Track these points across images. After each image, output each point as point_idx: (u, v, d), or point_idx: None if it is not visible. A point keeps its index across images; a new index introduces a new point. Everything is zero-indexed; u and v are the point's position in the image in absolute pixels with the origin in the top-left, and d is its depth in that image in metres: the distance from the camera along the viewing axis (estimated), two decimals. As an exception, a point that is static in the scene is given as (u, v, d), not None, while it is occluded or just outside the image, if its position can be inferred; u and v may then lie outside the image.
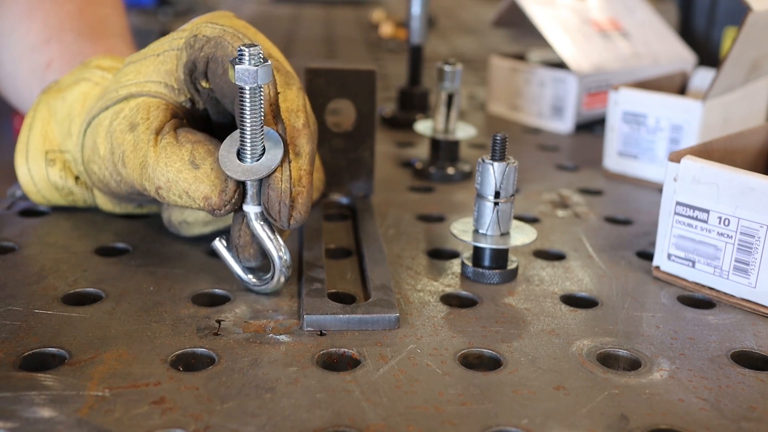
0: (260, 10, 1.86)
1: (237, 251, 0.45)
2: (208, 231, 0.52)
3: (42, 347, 0.39)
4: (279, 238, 0.44)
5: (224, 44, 0.45)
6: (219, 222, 0.52)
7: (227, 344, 0.40)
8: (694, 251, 0.48)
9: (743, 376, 0.39)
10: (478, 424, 0.35)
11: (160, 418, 0.34)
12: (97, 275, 0.48)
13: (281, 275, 0.44)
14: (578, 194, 0.66)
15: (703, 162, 0.47)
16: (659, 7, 1.11)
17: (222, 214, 0.43)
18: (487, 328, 0.43)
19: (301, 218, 0.42)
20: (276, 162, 0.42)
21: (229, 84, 0.45)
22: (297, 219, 0.42)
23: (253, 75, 0.40)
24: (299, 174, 0.42)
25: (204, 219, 0.51)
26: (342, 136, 0.60)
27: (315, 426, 0.34)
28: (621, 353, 0.41)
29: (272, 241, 0.43)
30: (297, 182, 0.42)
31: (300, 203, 0.42)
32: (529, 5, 0.87)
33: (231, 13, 0.48)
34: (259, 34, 0.48)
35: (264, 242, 0.43)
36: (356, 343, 0.41)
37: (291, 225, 0.42)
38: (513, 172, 0.48)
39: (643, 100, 0.68)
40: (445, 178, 0.68)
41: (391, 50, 1.34)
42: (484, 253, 0.49)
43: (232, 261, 0.45)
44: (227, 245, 0.45)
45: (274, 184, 0.42)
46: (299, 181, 0.42)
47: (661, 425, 0.35)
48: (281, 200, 0.42)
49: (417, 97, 0.87)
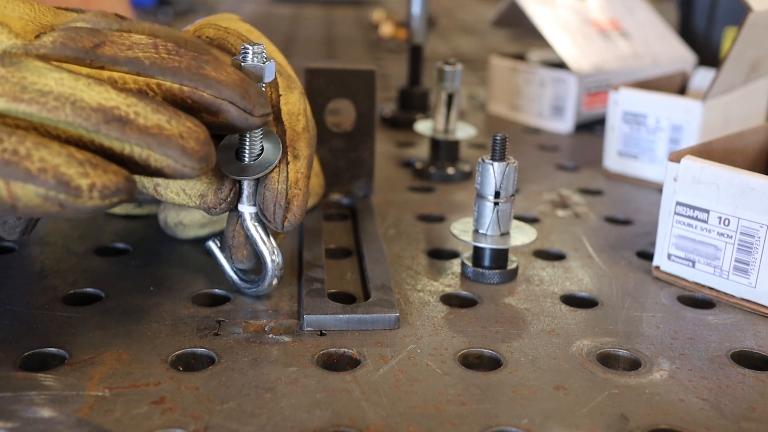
0: (260, 10, 1.86)
1: (230, 252, 0.45)
2: (204, 233, 0.52)
3: (42, 347, 0.39)
4: (273, 241, 0.44)
5: (227, 47, 0.45)
6: (215, 224, 0.52)
7: (227, 344, 0.40)
8: (694, 251, 0.48)
9: (743, 376, 0.39)
10: (478, 424, 0.35)
11: (160, 418, 0.34)
12: (97, 275, 0.48)
13: (273, 278, 0.44)
14: (578, 194, 0.66)
15: (703, 162, 0.47)
16: (659, 7, 1.11)
17: (217, 212, 0.42)
18: (487, 328, 0.43)
19: (295, 221, 0.42)
20: (273, 163, 0.42)
21: None
22: (291, 221, 0.42)
23: (257, 73, 0.40)
24: (296, 176, 0.42)
25: (200, 221, 0.51)
26: (342, 136, 0.60)
27: (315, 426, 0.34)
28: (621, 353, 0.41)
29: (265, 243, 0.43)
30: (294, 184, 0.42)
31: (295, 206, 0.42)
32: (529, 5, 0.87)
33: (235, 15, 0.48)
34: (263, 37, 0.48)
35: (257, 244, 0.43)
36: (356, 343, 0.41)
37: (285, 227, 0.42)
38: (513, 172, 0.48)
39: (643, 100, 0.68)
40: (445, 178, 0.68)
41: (391, 50, 1.34)
42: (484, 253, 0.49)
43: (224, 262, 0.45)
44: (221, 246, 0.45)
45: (271, 184, 0.42)
46: (296, 184, 0.42)
47: (661, 425, 0.35)
48: (276, 201, 0.42)
49: (417, 97, 0.87)
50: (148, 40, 0.38)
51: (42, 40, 0.37)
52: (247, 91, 0.38)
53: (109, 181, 0.32)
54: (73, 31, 0.37)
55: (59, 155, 0.32)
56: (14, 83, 0.34)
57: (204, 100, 0.37)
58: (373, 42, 1.43)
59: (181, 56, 0.37)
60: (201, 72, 0.37)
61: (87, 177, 0.32)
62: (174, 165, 0.35)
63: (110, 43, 0.37)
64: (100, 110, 0.34)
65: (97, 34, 0.37)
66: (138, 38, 0.38)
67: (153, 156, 0.35)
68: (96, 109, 0.34)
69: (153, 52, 0.37)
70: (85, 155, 0.33)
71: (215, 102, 0.37)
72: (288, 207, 0.42)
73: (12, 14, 0.38)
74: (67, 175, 0.32)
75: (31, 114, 0.34)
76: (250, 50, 0.40)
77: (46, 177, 0.32)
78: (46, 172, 0.32)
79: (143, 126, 0.34)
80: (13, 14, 0.38)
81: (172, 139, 0.34)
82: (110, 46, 0.37)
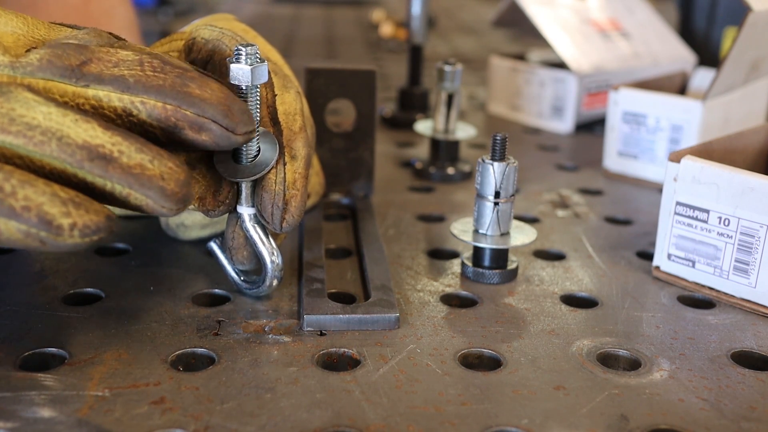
0: (260, 10, 1.86)
1: (230, 253, 0.44)
2: (205, 234, 0.52)
3: (42, 347, 0.39)
4: (272, 242, 0.44)
5: (222, 47, 0.45)
6: (216, 225, 0.52)
7: (227, 344, 0.40)
8: (694, 251, 0.48)
9: (743, 376, 0.39)
10: (478, 424, 0.35)
11: (160, 418, 0.34)
12: (97, 275, 0.48)
13: (273, 279, 0.44)
14: (578, 194, 0.66)
15: (703, 162, 0.47)
16: (659, 7, 1.11)
17: (216, 215, 0.42)
18: (487, 328, 0.43)
19: (293, 222, 0.42)
20: (270, 164, 0.41)
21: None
22: (289, 222, 0.42)
23: (248, 74, 0.40)
24: (294, 177, 0.42)
25: (201, 222, 0.51)
26: (342, 136, 0.60)
27: (315, 426, 0.34)
28: (621, 353, 0.41)
29: (265, 244, 0.43)
30: (291, 185, 0.42)
31: (293, 206, 0.42)
32: (529, 5, 0.87)
33: (231, 15, 0.48)
34: (259, 37, 0.48)
35: (256, 245, 0.43)
36: (356, 343, 0.41)
37: (283, 228, 0.42)
38: (513, 172, 0.48)
39: (643, 100, 0.68)
40: (445, 178, 0.68)
41: (391, 50, 1.34)
42: (484, 253, 0.49)
43: (226, 263, 0.45)
44: (221, 246, 0.45)
45: (268, 186, 0.42)
46: (293, 184, 0.42)
47: (661, 425, 0.35)
48: (274, 202, 0.42)
49: (417, 97, 0.87)
50: (134, 56, 0.38)
51: (29, 57, 0.37)
52: (231, 109, 0.38)
53: (90, 221, 0.33)
54: (60, 48, 0.37)
55: (43, 194, 0.33)
56: (2, 114, 0.34)
57: (187, 119, 0.37)
58: (373, 42, 1.43)
59: (165, 74, 0.38)
60: (185, 90, 0.37)
61: (69, 216, 0.33)
62: (153, 205, 0.35)
63: (97, 60, 0.37)
64: (85, 147, 0.35)
65: (84, 51, 0.38)
66: (125, 54, 0.38)
67: (133, 195, 0.35)
68: (81, 146, 0.35)
69: (138, 70, 0.37)
70: (69, 194, 0.33)
71: (198, 120, 0.37)
72: (286, 208, 0.42)
73: (4, 29, 0.39)
74: (50, 214, 0.32)
75: (18, 146, 0.34)
76: (243, 51, 0.40)
77: (30, 215, 0.32)
78: (30, 210, 0.32)
79: (126, 165, 0.35)
80: (5, 29, 0.39)
81: (153, 179, 0.35)
82: (96, 63, 0.37)
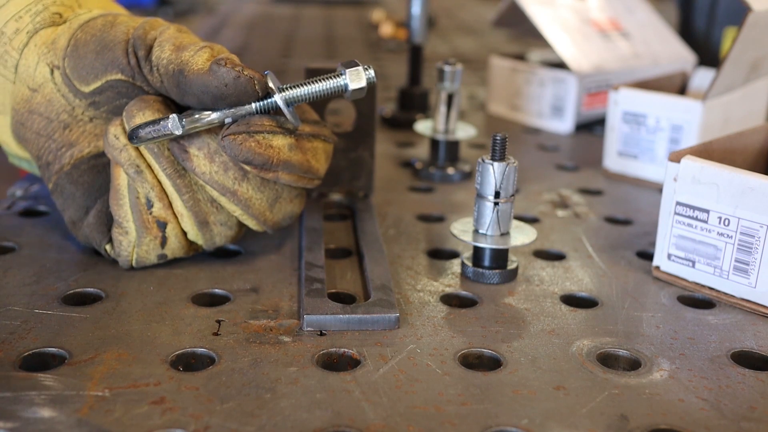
0: (260, 10, 1.86)
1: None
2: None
3: (42, 347, 0.39)
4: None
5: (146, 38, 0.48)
6: None
7: (227, 344, 0.40)
8: (694, 251, 0.48)
9: (743, 376, 0.39)
10: (478, 424, 0.35)
11: (160, 418, 0.34)
12: (97, 275, 0.48)
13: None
14: (578, 194, 0.66)
15: (703, 162, 0.47)
16: (659, 7, 1.11)
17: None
18: (487, 328, 0.43)
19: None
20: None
21: None
22: None
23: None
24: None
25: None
26: (342, 136, 0.60)
27: (315, 426, 0.34)
28: (621, 353, 0.41)
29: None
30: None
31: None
32: (529, 5, 0.87)
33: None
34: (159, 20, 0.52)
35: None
36: (356, 343, 0.41)
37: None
38: (513, 172, 0.48)
39: (643, 100, 0.68)
40: (445, 178, 0.68)
41: (391, 50, 1.34)
42: (484, 253, 0.49)
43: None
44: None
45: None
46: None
47: (661, 425, 0.35)
48: None
49: (417, 97, 0.87)
50: None
51: None
52: None
53: None
54: None
55: None
56: None
57: None
58: (373, 42, 1.43)
59: None
60: None
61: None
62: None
63: None
64: None
65: None
66: None
67: None
68: None
69: None
70: None
71: None
72: None
73: None
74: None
75: None
76: None
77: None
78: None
79: None
80: None
81: None
82: None
